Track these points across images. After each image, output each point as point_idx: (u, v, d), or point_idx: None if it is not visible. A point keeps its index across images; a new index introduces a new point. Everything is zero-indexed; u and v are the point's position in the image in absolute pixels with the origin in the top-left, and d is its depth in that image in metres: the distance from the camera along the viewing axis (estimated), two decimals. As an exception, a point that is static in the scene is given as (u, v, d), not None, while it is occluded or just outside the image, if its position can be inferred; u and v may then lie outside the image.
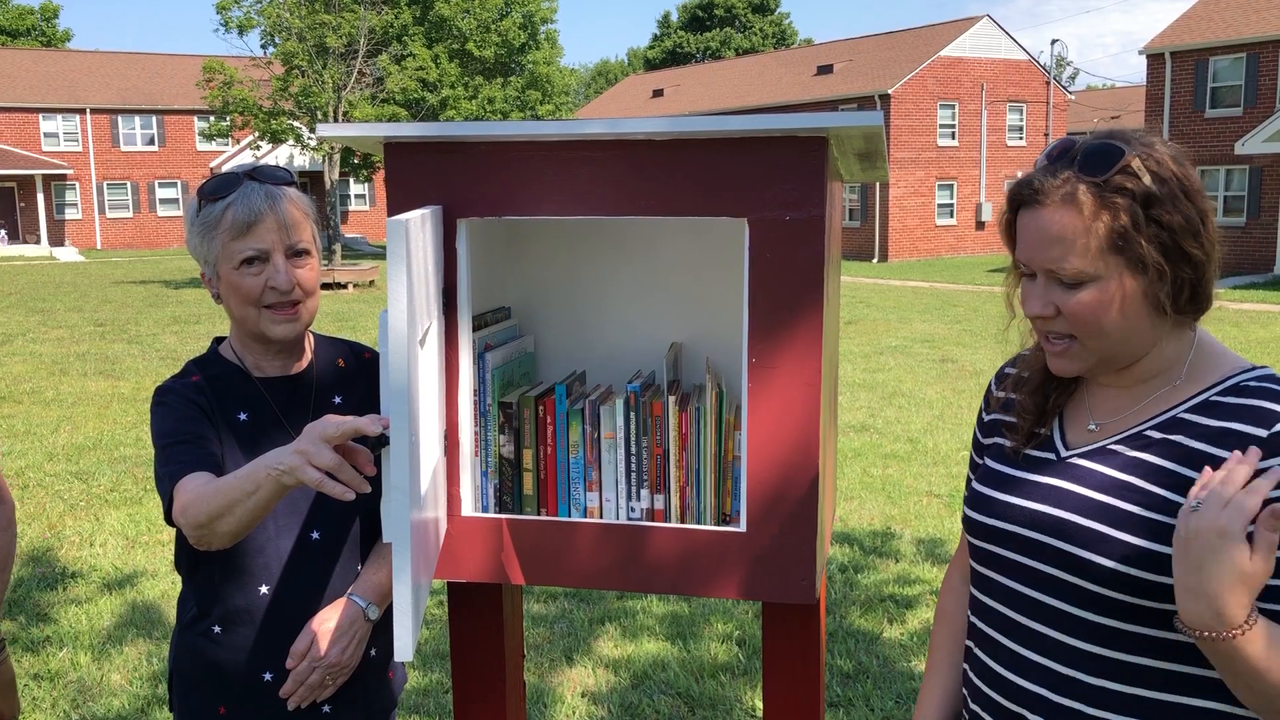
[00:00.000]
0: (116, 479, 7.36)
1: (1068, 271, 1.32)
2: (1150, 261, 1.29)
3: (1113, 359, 1.38)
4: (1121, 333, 1.34)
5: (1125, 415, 1.40)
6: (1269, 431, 1.27)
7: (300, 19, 25.80)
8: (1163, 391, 1.38)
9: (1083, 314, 1.33)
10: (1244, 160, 24.60)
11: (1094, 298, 1.32)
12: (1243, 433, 1.28)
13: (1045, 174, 1.34)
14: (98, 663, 4.42)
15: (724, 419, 1.73)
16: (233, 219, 1.79)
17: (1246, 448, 1.26)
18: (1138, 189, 1.29)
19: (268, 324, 1.83)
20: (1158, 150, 1.32)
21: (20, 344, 14.41)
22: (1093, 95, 58.38)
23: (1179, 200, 1.29)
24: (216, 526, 1.62)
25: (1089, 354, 1.37)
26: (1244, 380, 1.34)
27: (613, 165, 1.60)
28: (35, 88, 41.88)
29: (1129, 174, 1.29)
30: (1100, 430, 1.42)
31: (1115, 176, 1.29)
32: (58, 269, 30.53)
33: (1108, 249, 1.30)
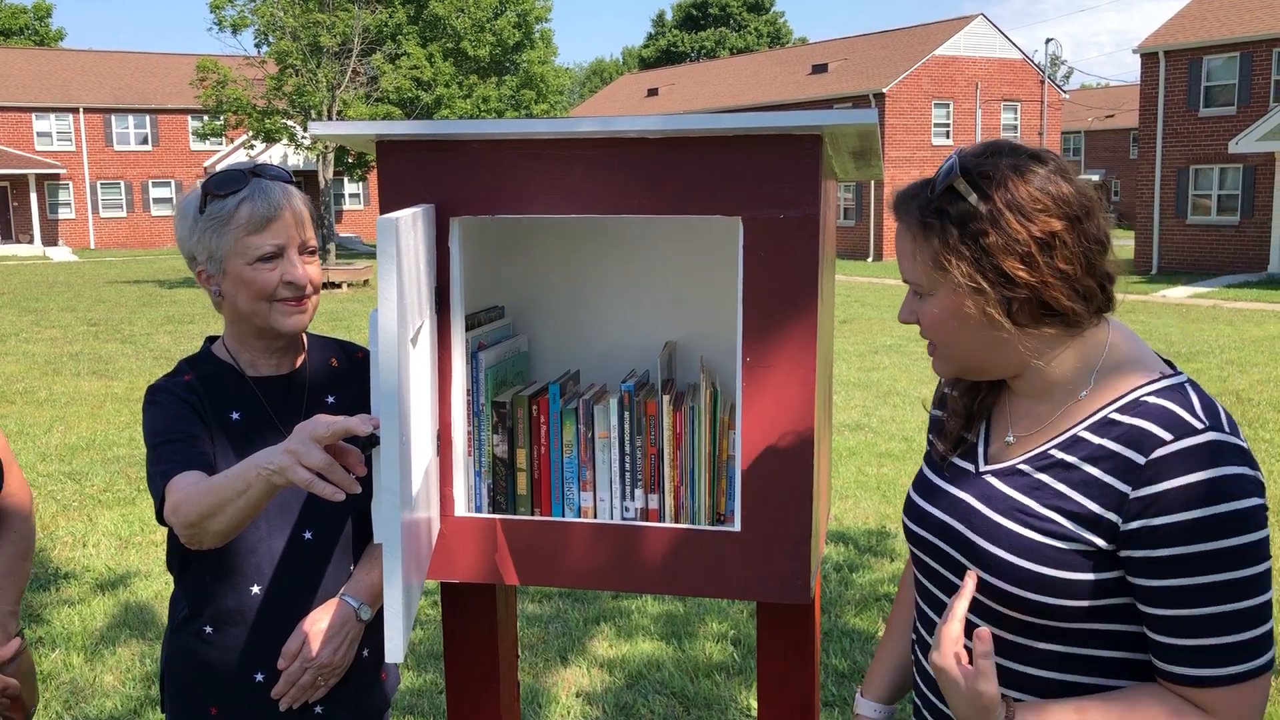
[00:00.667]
0: (109, 479, 7.34)
1: (911, 284, 1.38)
2: (964, 279, 1.30)
3: (980, 368, 1.40)
4: (970, 344, 1.36)
5: (1036, 431, 1.39)
6: (1146, 459, 1.24)
7: (294, 18, 25.76)
8: (1070, 405, 1.36)
9: (930, 324, 1.37)
10: (1238, 159, 24.65)
11: (936, 309, 1.35)
12: (1125, 458, 1.26)
13: (907, 190, 1.38)
14: (90, 664, 4.41)
15: (718, 418, 1.73)
16: (250, 214, 1.78)
17: (1128, 473, 1.24)
18: (954, 210, 1.30)
19: (278, 317, 1.83)
20: (1000, 167, 1.30)
21: (13, 344, 14.37)
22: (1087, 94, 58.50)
23: (1004, 222, 1.27)
24: (207, 525, 1.61)
25: (949, 361, 1.40)
26: (1144, 394, 1.30)
27: (606, 164, 1.60)
28: (28, 87, 41.77)
29: (951, 194, 1.31)
30: (1016, 444, 1.41)
31: (939, 196, 1.32)
32: (51, 269, 30.46)
33: (935, 264, 1.32)
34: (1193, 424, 1.24)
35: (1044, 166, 1.30)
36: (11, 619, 1.95)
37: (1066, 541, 1.28)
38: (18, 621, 1.97)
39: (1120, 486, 1.25)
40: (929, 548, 1.47)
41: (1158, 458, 1.22)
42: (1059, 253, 1.28)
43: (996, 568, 1.33)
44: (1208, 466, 1.21)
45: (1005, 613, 1.34)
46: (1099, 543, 1.26)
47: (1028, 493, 1.34)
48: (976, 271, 1.29)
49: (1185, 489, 1.20)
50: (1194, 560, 1.20)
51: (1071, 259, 1.28)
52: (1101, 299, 1.33)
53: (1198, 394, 1.30)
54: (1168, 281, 23.01)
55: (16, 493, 2.05)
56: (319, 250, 1.89)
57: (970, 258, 1.29)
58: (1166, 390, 1.30)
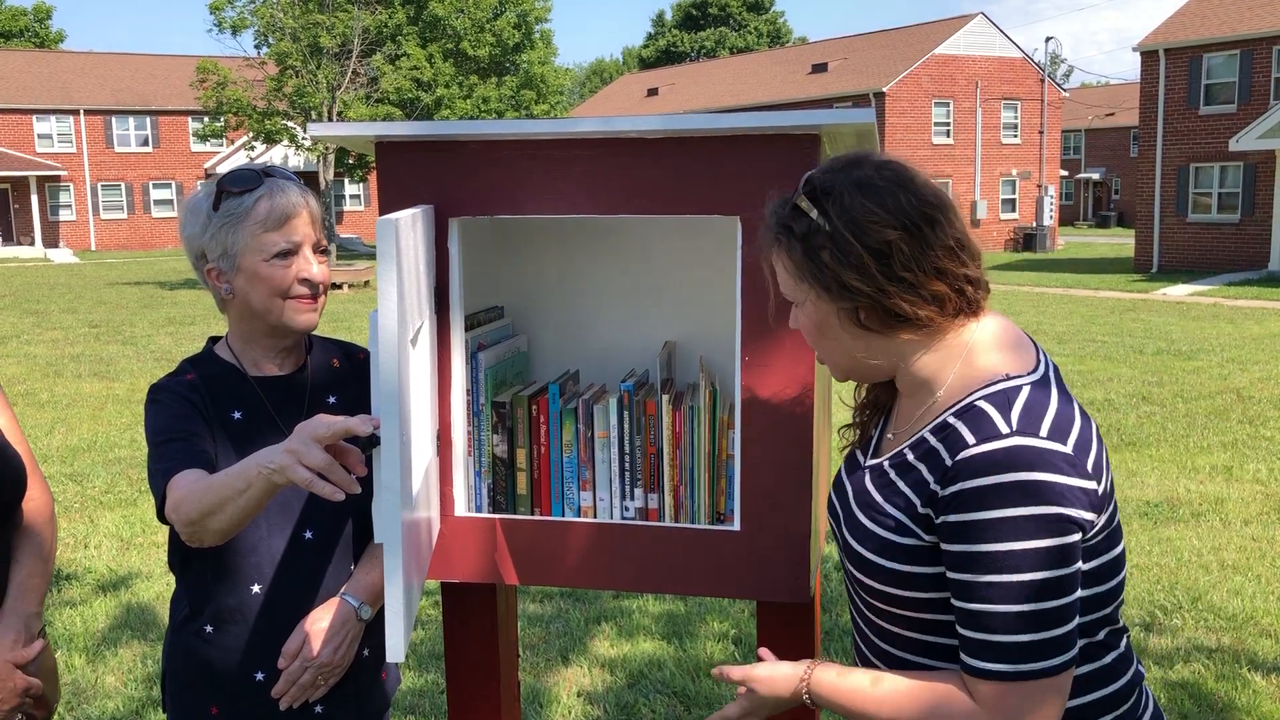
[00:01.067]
0: (111, 481, 7.34)
1: (783, 295, 1.43)
2: (813, 292, 1.36)
3: (857, 372, 1.46)
4: (838, 351, 1.41)
5: (906, 429, 1.44)
6: (953, 460, 1.29)
7: (294, 19, 25.77)
8: (928, 406, 1.40)
9: (804, 334, 1.44)
10: (1238, 157, 24.63)
11: (802, 320, 1.42)
12: (940, 459, 1.32)
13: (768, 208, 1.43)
14: (92, 665, 4.41)
15: (718, 418, 1.73)
16: (269, 211, 1.80)
17: (939, 473, 1.30)
18: (799, 226, 1.35)
19: (291, 314, 1.84)
20: (840, 185, 1.34)
21: (14, 346, 14.38)
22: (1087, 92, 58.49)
23: (840, 237, 1.32)
24: (208, 524, 1.62)
25: (832, 367, 1.46)
26: (977, 398, 1.33)
27: (605, 164, 1.60)
28: (29, 89, 41.80)
29: (796, 212, 1.36)
30: (893, 440, 1.46)
31: (788, 214, 1.37)
32: (52, 270, 30.48)
33: (791, 276, 1.39)
34: (999, 429, 1.27)
35: (885, 177, 1.34)
36: (35, 620, 1.98)
37: (905, 536, 1.35)
38: (41, 622, 2.00)
39: (933, 485, 1.32)
40: (833, 533, 1.55)
41: (960, 460, 1.28)
42: (896, 261, 1.31)
43: (855, 558, 1.42)
44: (998, 472, 1.25)
45: (870, 600, 1.43)
46: (927, 538, 1.33)
47: (880, 490, 1.41)
48: (821, 284, 1.35)
49: (973, 491, 1.26)
50: (969, 558, 1.27)
51: (911, 266, 1.32)
52: (959, 302, 1.36)
53: (1030, 397, 1.31)
54: (1168, 280, 23.01)
55: (39, 497, 2.09)
56: (326, 249, 1.91)
57: (814, 271, 1.35)
58: (997, 394, 1.32)
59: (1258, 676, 4.12)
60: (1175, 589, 5.10)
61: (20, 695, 1.90)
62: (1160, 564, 5.46)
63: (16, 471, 2.01)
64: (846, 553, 1.45)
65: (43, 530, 2.06)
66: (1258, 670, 4.19)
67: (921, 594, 1.35)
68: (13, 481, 1.99)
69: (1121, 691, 1.40)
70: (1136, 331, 14.49)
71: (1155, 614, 4.80)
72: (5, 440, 2.00)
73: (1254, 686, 4.04)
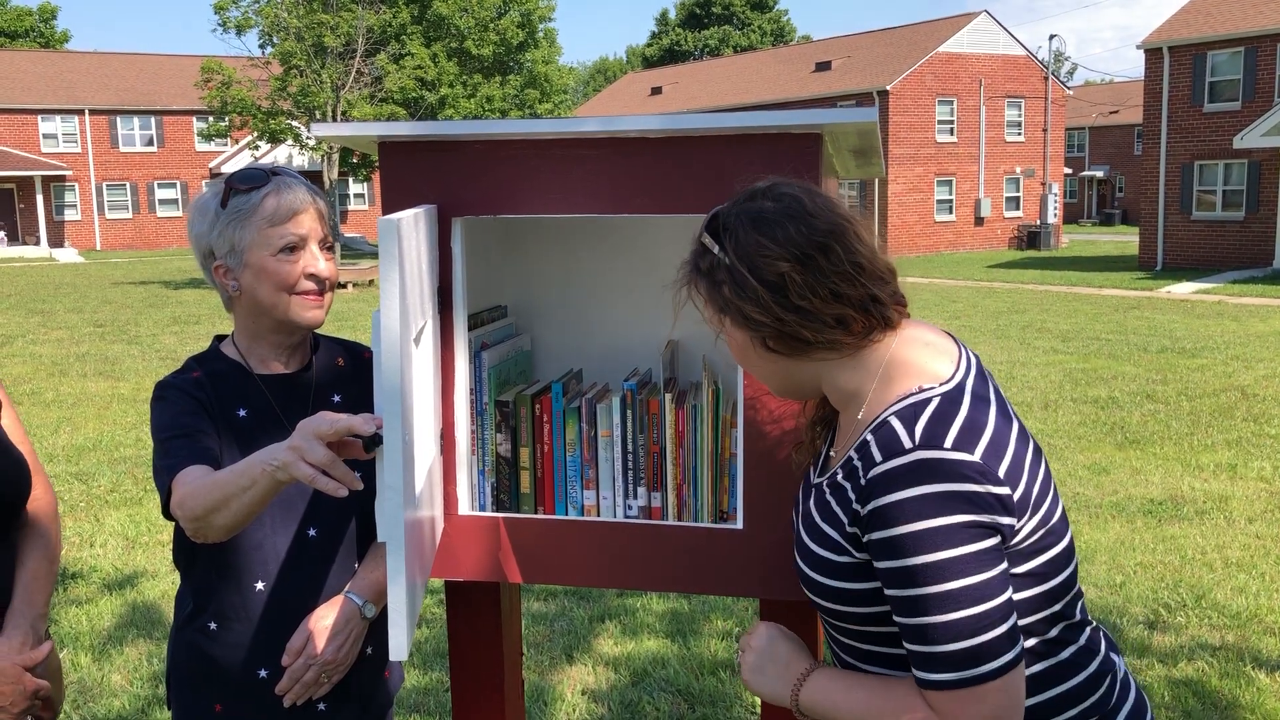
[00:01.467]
0: (116, 480, 7.36)
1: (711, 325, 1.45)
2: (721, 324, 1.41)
3: (790, 391, 1.48)
4: (764, 373, 1.45)
5: (842, 448, 1.45)
6: (865, 479, 1.31)
7: (298, 18, 25.79)
8: (855, 424, 1.42)
9: (731, 356, 1.48)
10: (1242, 154, 24.59)
11: (728, 348, 1.46)
12: (858, 476, 1.33)
13: None
14: (98, 663, 4.43)
15: (720, 416, 1.73)
16: (276, 206, 1.82)
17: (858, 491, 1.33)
18: (702, 263, 1.40)
19: (298, 309, 1.85)
20: (734, 220, 1.37)
21: (20, 345, 14.41)
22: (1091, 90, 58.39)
23: (736, 271, 1.35)
24: (212, 520, 1.63)
25: (768, 387, 1.49)
26: (889, 413, 1.35)
27: (607, 163, 1.60)
28: (34, 89, 41.88)
29: (702, 248, 1.40)
30: (834, 459, 1.47)
31: (695, 251, 1.42)
32: (57, 270, 30.54)
33: (711, 307, 1.41)
34: (903, 444, 1.29)
35: (778, 210, 1.35)
36: (41, 621, 1.98)
37: (841, 555, 1.37)
38: (47, 623, 2.01)
39: (855, 504, 1.33)
40: None
41: (871, 478, 1.30)
42: (792, 292, 1.33)
43: (803, 577, 1.44)
44: (903, 488, 1.27)
45: (825, 618, 1.46)
46: (859, 555, 1.35)
47: (818, 510, 1.42)
48: (726, 317, 1.39)
49: (885, 507, 1.28)
50: (895, 574, 1.29)
51: (806, 294, 1.33)
52: (865, 321, 1.37)
53: (937, 409, 1.32)
54: (1172, 278, 22.97)
55: (42, 496, 2.09)
56: (333, 246, 1.92)
57: (719, 305, 1.39)
58: (905, 409, 1.34)
59: (1262, 674, 4.12)
60: (1179, 587, 5.10)
61: (30, 698, 1.90)
62: (1164, 562, 5.46)
63: (21, 471, 2.01)
64: (797, 572, 1.47)
65: (48, 530, 2.07)
66: (1262, 668, 4.18)
67: (866, 608, 1.37)
68: (16, 480, 1.99)
69: (1084, 685, 1.41)
70: (1140, 329, 14.47)
71: (1159, 612, 4.80)
72: (8, 439, 2.01)
73: (1258, 684, 4.04)
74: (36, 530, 2.05)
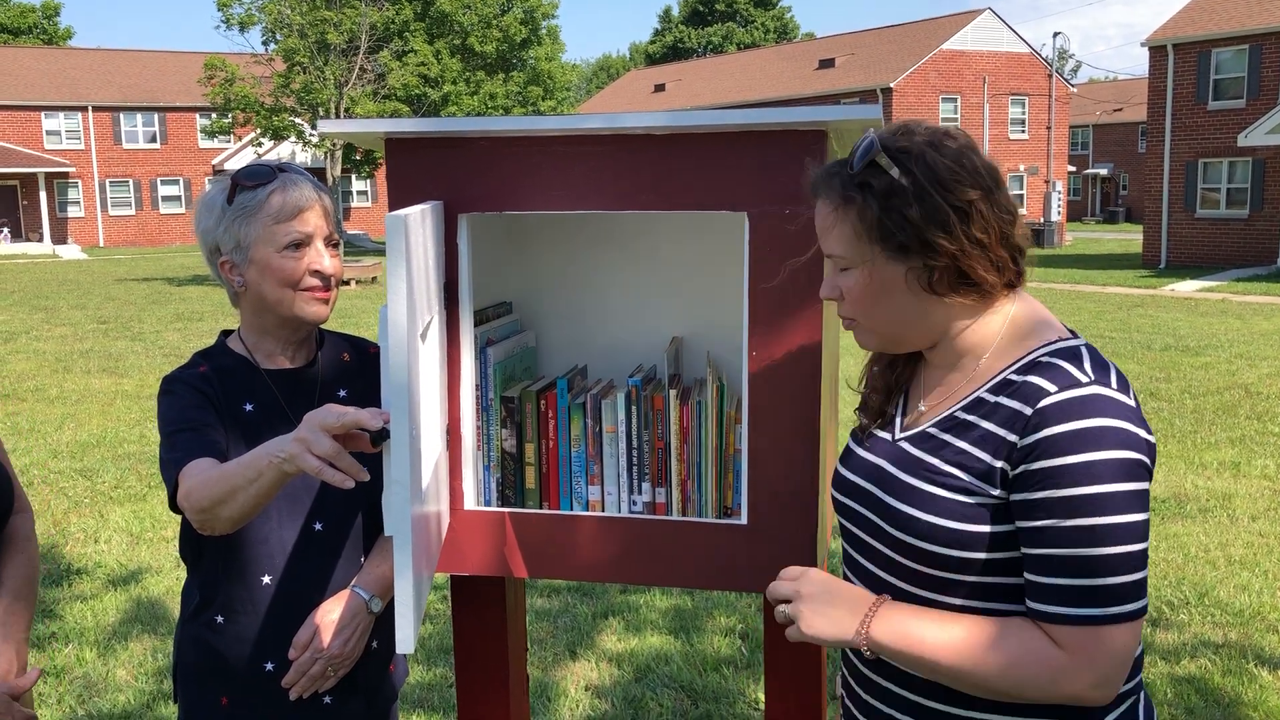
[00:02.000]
0: (120, 476, 7.38)
1: (833, 258, 1.42)
2: (892, 248, 1.36)
3: (898, 339, 1.45)
4: (889, 315, 1.41)
5: (945, 398, 1.45)
6: (1032, 409, 1.31)
7: (301, 15, 25.80)
8: (973, 371, 1.43)
9: (851, 297, 1.42)
10: (1247, 152, 24.55)
11: (857, 282, 1.40)
12: (1015, 410, 1.33)
13: (824, 170, 1.43)
14: (103, 659, 4.44)
15: (725, 412, 1.74)
16: (281, 203, 1.83)
17: (1016, 423, 1.31)
18: (879, 183, 1.35)
19: (303, 305, 1.86)
20: (917, 143, 1.36)
21: (24, 342, 14.43)
22: (1095, 88, 58.31)
23: (925, 194, 1.33)
24: (219, 512, 1.63)
25: (869, 333, 1.46)
26: (1039, 355, 1.36)
27: (612, 160, 1.61)
28: (37, 85, 41.91)
29: (874, 169, 1.36)
30: (926, 411, 1.47)
31: (862, 171, 1.36)
32: (61, 266, 30.57)
33: (862, 237, 1.37)
34: (1078, 378, 1.31)
35: (956, 142, 1.37)
36: (24, 647, 1.94)
37: (969, 495, 1.35)
38: (28, 647, 1.96)
39: (1009, 436, 1.32)
40: (846, 512, 1.53)
41: (1042, 407, 1.29)
42: (975, 222, 1.34)
43: (907, 524, 1.39)
44: (1086, 416, 1.27)
45: (916, 568, 1.40)
46: (995, 493, 1.33)
47: (934, 453, 1.40)
48: (900, 242, 1.35)
49: (1062, 436, 1.27)
50: (1062, 503, 1.27)
51: (987, 228, 1.35)
52: (1012, 271, 1.39)
53: (1091, 354, 1.36)
54: (1176, 275, 22.95)
55: (23, 510, 2.05)
56: (338, 243, 1.93)
57: (894, 229, 1.34)
58: (1061, 350, 1.36)
59: (1264, 671, 4.13)
60: (1182, 584, 5.10)
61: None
62: (1167, 559, 5.46)
63: (5, 484, 1.98)
64: (891, 523, 1.41)
65: (27, 547, 2.02)
66: (1264, 665, 4.19)
67: (980, 554, 1.34)
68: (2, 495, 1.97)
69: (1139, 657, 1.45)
70: (1144, 327, 14.46)
71: (1162, 609, 4.80)
72: None
73: (1260, 681, 4.04)
74: (17, 548, 2.00)
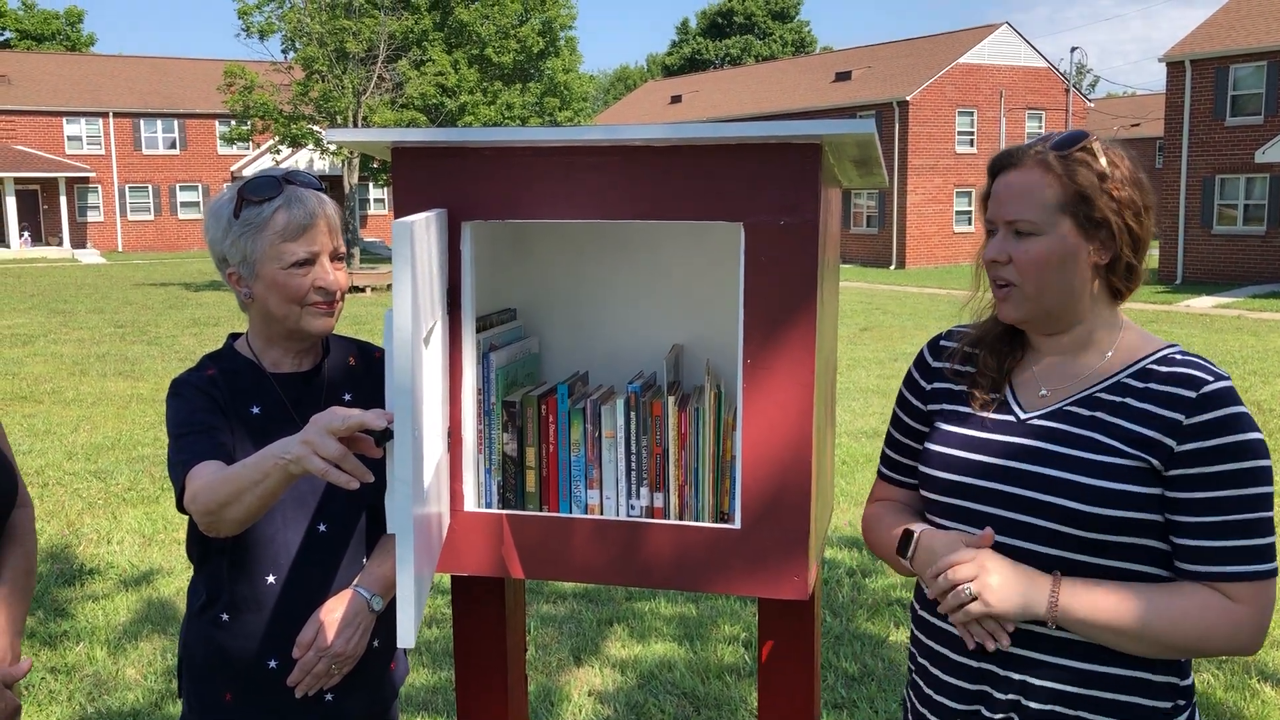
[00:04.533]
0: (134, 478, 7.44)
1: (1023, 223, 1.58)
2: (1096, 223, 1.56)
3: (1048, 315, 1.63)
4: (1057, 287, 1.59)
5: (1073, 382, 1.64)
6: (1197, 393, 1.52)
7: (321, 24, 25.97)
8: (1100, 363, 1.63)
9: (1028, 262, 1.59)
10: (1264, 169, 24.46)
11: (1040, 249, 1.58)
12: (1177, 395, 1.53)
13: (1024, 146, 1.63)
14: (113, 657, 4.49)
15: (722, 419, 1.77)
16: (287, 221, 1.85)
17: (1180, 405, 1.52)
18: (1095, 165, 1.57)
19: (309, 319, 1.90)
20: (1117, 148, 1.60)
21: (41, 344, 14.56)
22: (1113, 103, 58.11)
23: (1128, 184, 1.57)
24: (225, 513, 1.67)
25: (1026, 300, 1.61)
26: (1169, 353, 1.60)
27: (613, 170, 1.65)
28: (59, 91, 42.27)
29: (1089, 152, 1.58)
30: (1052, 395, 1.65)
31: (1078, 152, 1.57)
32: (79, 271, 30.80)
33: (1059, 208, 1.57)
34: (1219, 372, 1.55)
35: (1133, 159, 1.61)
36: (18, 638, 1.97)
37: (1127, 459, 1.53)
38: (21, 639, 1.99)
39: (1173, 415, 1.52)
40: (981, 493, 1.63)
41: (1206, 393, 1.51)
42: (1145, 225, 1.60)
43: (1070, 492, 1.54)
44: (1236, 404, 1.51)
45: (1066, 531, 1.54)
46: (1153, 461, 1.52)
47: (1086, 426, 1.58)
48: (1109, 216, 1.55)
49: (1226, 418, 1.50)
50: (1231, 476, 1.49)
51: (1148, 236, 1.61)
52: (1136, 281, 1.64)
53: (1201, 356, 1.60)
54: (1192, 291, 22.86)
55: (24, 505, 2.09)
56: (344, 255, 1.96)
57: (1100, 208, 1.55)
58: (1182, 352, 1.60)
59: (1267, 687, 4.12)
60: (1188, 600, 5.09)
61: (6, 716, 1.92)
62: (1174, 575, 5.45)
63: (11, 477, 2.02)
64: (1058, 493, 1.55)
65: (26, 540, 2.06)
66: (1267, 681, 4.18)
67: (1133, 514, 1.52)
68: (5, 490, 2.00)
69: None
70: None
71: (1167, 624, 4.79)
72: None
73: (1263, 697, 4.04)
74: (16, 540, 2.04)
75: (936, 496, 1.69)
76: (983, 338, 1.73)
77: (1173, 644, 1.51)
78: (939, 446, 1.71)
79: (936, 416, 1.76)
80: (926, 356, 1.83)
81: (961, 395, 1.72)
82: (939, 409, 1.76)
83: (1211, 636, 1.49)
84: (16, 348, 14.21)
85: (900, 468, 1.85)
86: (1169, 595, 1.51)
